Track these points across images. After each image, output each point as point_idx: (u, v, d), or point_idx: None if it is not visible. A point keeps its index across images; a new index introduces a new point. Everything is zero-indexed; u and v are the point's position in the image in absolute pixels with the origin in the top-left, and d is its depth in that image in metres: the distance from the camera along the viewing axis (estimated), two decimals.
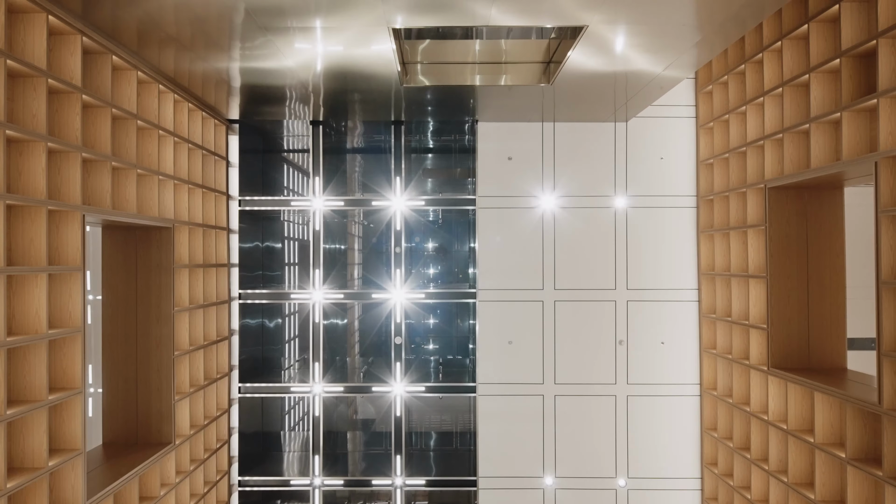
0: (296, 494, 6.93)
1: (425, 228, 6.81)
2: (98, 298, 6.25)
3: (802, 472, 4.62)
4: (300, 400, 7.16)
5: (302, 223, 6.98)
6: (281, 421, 7.06)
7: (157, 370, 4.92)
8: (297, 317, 6.88)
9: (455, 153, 6.91)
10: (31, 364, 3.37)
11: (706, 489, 6.12)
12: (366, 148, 7.03)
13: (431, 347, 6.91)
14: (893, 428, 3.65)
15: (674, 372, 6.24)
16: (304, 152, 6.84)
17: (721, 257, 5.81)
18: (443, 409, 6.87)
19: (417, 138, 6.67)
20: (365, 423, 7.13)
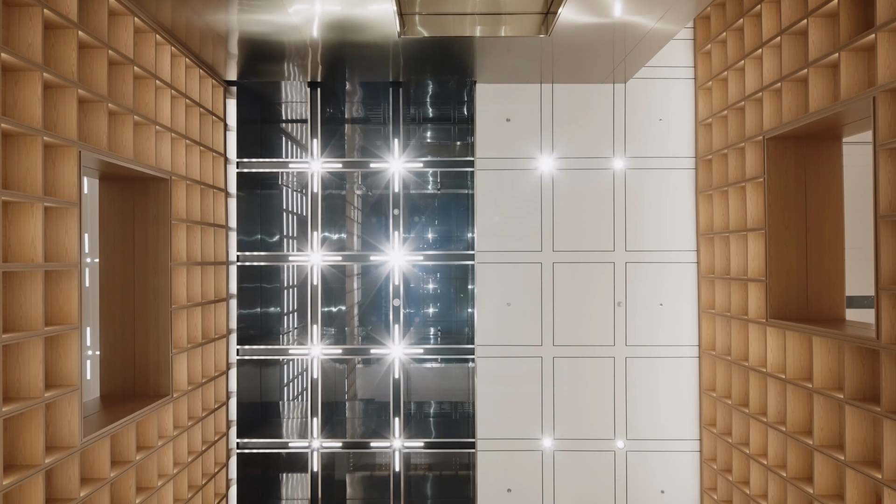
0: (294, 457, 6.93)
1: (424, 190, 6.80)
2: (96, 261, 6.26)
3: (801, 420, 4.61)
4: (300, 370, 7.16)
5: (300, 186, 6.97)
6: (280, 387, 7.05)
7: (154, 322, 4.91)
8: (296, 280, 6.87)
9: (453, 115, 6.90)
10: (27, 292, 3.36)
11: (705, 450, 6.12)
12: (364, 111, 7.02)
13: (430, 310, 6.90)
14: (892, 362, 3.64)
15: (672, 333, 6.23)
16: (302, 120, 6.83)
17: (720, 216, 5.80)
18: (441, 371, 6.87)
19: (416, 101, 6.66)
20: (364, 387, 7.13)
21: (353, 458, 6.99)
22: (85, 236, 6.59)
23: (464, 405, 6.79)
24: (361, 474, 7.11)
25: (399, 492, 6.23)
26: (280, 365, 6.99)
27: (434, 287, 6.89)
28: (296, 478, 7.12)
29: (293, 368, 7.19)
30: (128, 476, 4.35)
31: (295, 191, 7.14)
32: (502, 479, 6.23)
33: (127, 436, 4.37)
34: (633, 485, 6.22)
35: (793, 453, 4.63)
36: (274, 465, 6.97)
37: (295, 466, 6.92)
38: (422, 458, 6.69)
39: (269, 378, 6.85)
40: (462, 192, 6.70)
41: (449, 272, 6.81)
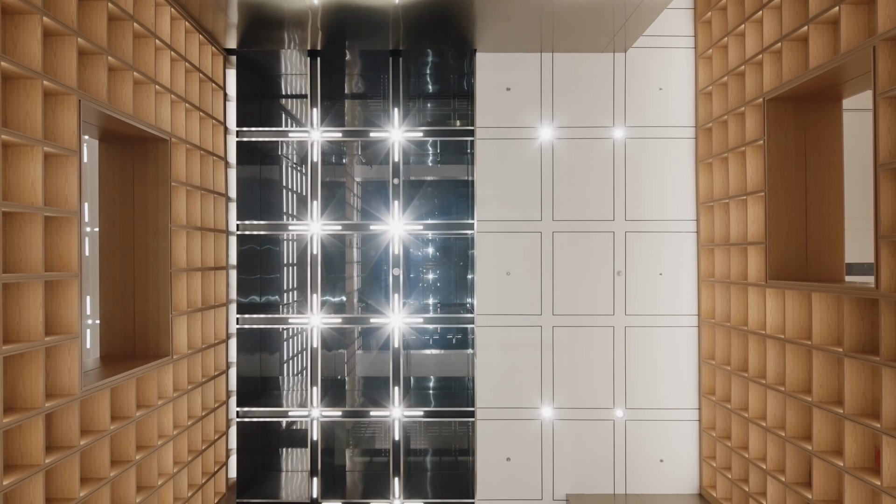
0: (294, 429, 6.94)
1: (423, 160, 6.80)
2: (95, 230, 6.26)
3: (800, 380, 4.62)
4: (300, 347, 7.16)
5: (300, 160, 6.97)
6: (280, 361, 7.05)
7: (154, 283, 4.91)
8: (296, 250, 6.87)
9: (453, 84, 6.89)
10: (27, 236, 3.36)
11: (704, 419, 6.12)
12: (364, 81, 7.01)
13: (430, 280, 6.90)
14: (891, 311, 3.65)
15: (672, 303, 6.23)
16: (302, 95, 6.82)
17: (719, 184, 5.80)
18: (440, 341, 6.87)
19: (416, 70, 6.65)
20: (364, 358, 7.13)
21: (352, 430, 7.00)
22: (85, 206, 6.59)
23: (463, 378, 6.80)
24: (361, 444, 7.12)
25: (399, 460, 6.23)
26: (280, 336, 6.99)
27: (434, 257, 6.90)
28: (296, 450, 7.13)
29: (293, 345, 7.19)
30: (127, 431, 4.35)
31: (295, 166, 7.14)
32: (502, 448, 6.24)
33: (127, 391, 4.38)
34: (633, 454, 6.23)
35: (792, 413, 4.64)
36: (274, 436, 6.98)
37: (295, 437, 6.93)
38: (421, 428, 6.69)
39: (269, 346, 6.85)
40: (462, 163, 6.70)
41: (449, 242, 6.81)
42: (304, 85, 6.40)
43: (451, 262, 6.90)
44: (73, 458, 3.69)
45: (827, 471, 4.31)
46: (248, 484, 6.36)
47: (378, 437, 6.98)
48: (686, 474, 6.22)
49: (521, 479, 6.23)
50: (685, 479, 6.22)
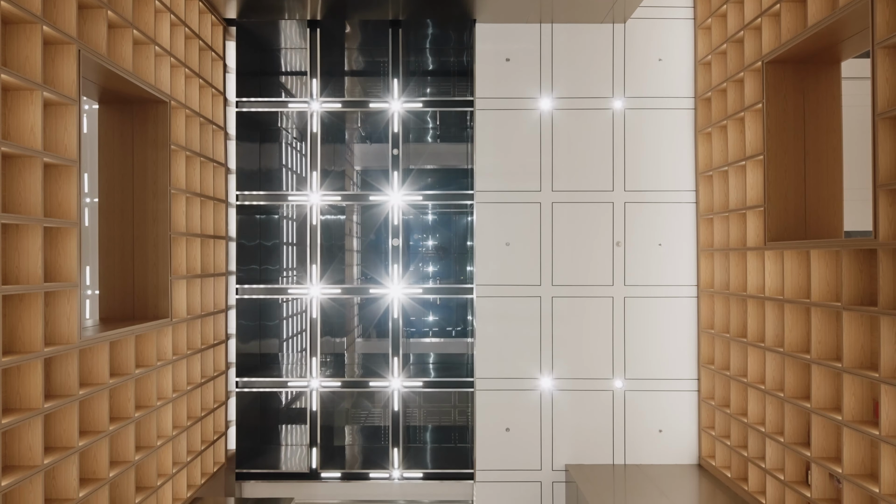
0: (294, 403, 6.95)
1: (423, 131, 6.81)
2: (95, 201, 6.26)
3: (799, 340, 4.62)
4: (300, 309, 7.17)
5: (300, 134, 6.98)
6: (279, 330, 7.05)
7: (153, 245, 4.92)
8: (295, 220, 6.88)
9: (453, 55, 6.90)
10: (26, 179, 3.36)
11: (703, 389, 6.13)
12: (363, 52, 7.02)
13: (430, 249, 6.91)
14: (889, 260, 3.65)
15: (671, 273, 6.24)
16: (301, 72, 6.83)
17: (718, 153, 5.81)
18: (440, 312, 6.88)
19: (415, 41, 6.65)
20: (363, 326, 7.14)
21: (351, 401, 7.00)
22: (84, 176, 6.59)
23: (461, 340, 6.81)
24: (360, 416, 7.12)
25: (398, 432, 6.24)
26: (280, 307, 6.99)
27: (433, 228, 6.90)
28: (295, 420, 7.14)
29: (294, 318, 7.20)
30: (126, 388, 4.35)
31: (295, 139, 7.15)
32: (501, 418, 6.24)
33: (126, 348, 4.38)
34: (631, 424, 6.23)
35: (791, 373, 4.64)
36: (273, 408, 6.99)
37: (294, 408, 6.94)
38: (421, 400, 6.70)
39: (269, 317, 6.85)
40: (462, 134, 6.71)
41: (448, 212, 6.81)
42: (304, 56, 6.41)
43: (450, 233, 6.91)
44: (72, 407, 3.69)
45: (826, 428, 4.32)
46: (248, 456, 6.36)
47: (378, 409, 6.98)
48: (685, 444, 6.22)
49: (521, 450, 6.23)
50: (684, 449, 6.22)
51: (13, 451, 3.33)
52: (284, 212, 6.75)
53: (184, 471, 5.23)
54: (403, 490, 6.29)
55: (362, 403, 7.07)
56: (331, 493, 6.27)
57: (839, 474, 4.07)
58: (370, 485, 6.26)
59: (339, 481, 6.26)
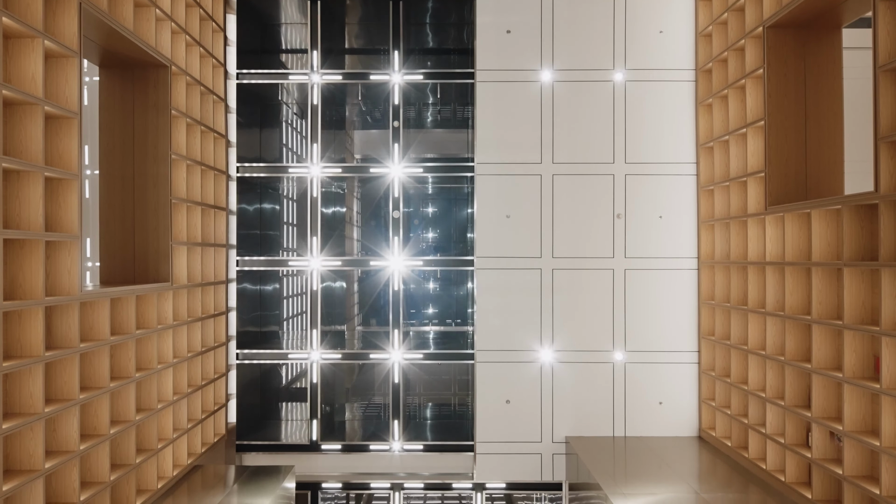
0: (294, 375, 6.95)
1: (423, 103, 6.80)
2: (95, 173, 6.26)
3: (799, 302, 4.61)
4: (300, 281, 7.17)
5: (300, 109, 6.97)
6: (279, 301, 7.05)
7: (154, 210, 4.92)
8: (295, 193, 6.87)
9: (454, 27, 6.89)
10: (27, 127, 3.36)
11: (703, 361, 6.13)
12: (364, 23, 7.01)
13: (430, 222, 6.90)
14: (890, 212, 3.65)
15: (672, 245, 6.23)
16: (302, 49, 6.83)
17: (719, 123, 5.80)
18: (440, 284, 6.87)
19: (416, 14, 6.65)
20: (362, 299, 7.14)
21: (352, 374, 7.00)
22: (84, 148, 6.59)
23: (462, 312, 6.80)
24: (361, 389, 7.13)
25: (398, 404, 6.24)
26: (281, 281, 6.99)
27: (433, 199, 6.90)
28: (296, 395, 7.14)
29: (293, 288, 7.20)
30: (126, 348, 4.36)
31: (295, 115, 7.14)
32: (501, 391, 6.24)
33: (126, 308, 4.38)
34: (632, 396, 6.23)
35: (791, 336, 4.64)
36: (274, 381, 6.99)
37: (294, 381, 6.94)
38: (421, 373, 6.70)
39: (269, 290, 6.85)
40: (462, 104, 6.70)
41: (448, 184, 6.80)
42: (305, 28, 6.41)
43: (451, 205, 6.90)
44: (72, 359, 3.70)
45: (826, 387, 4.32)
46: (248, 429, 6.36)
47: (378, 382, 6.98)
48: (685, 417, 6.22)
49: (521, 422, 6.22)
50: (684, 421, 6.22)
51: (14, 399, 3.33)
52: (285, 185, 6.74)
53: (184, 438, 5.23)
54: (404, 462, 6.29)
55: (363, 376, 7.07)
56: (331, 465, 6.27)
57: (840, 432, 4.07)
58: (370, 456, 6.26)
59: (340, 453, 6.26)
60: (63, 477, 3.66)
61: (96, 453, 3.99)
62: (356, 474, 6.30)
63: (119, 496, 4.32)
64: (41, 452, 3.37)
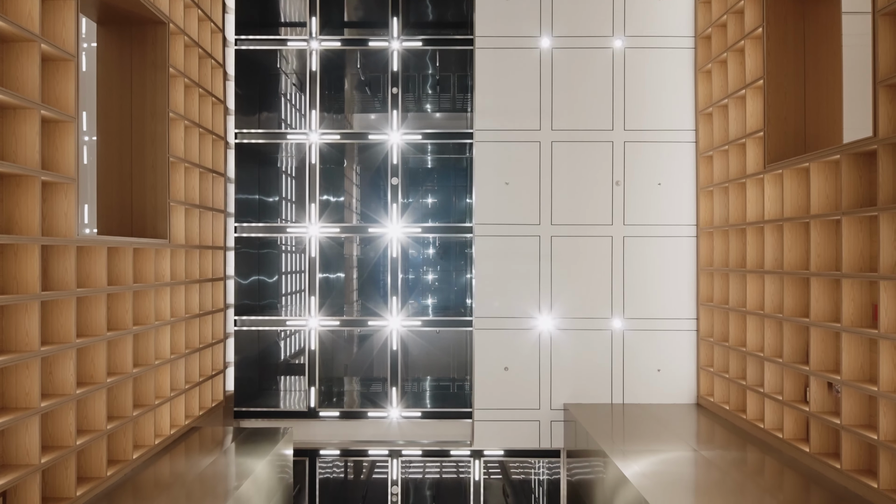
0: (292, 342, 6.93)
1: (422, 70, 6.78)
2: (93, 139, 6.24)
3: (798, 258, 4.61)
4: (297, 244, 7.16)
5: (300, 75, 6.95)
6: (278, 269, 7.03)
7: (151, 167, 4.91)
8: (294, 159, 6.86)
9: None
10: (24, 66, 3.35)
11: (702, 328, 6.12)
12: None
13: (428, 190, 6.90)
14: (888, 156, 3.64)
15: (670, 212, 6.23)
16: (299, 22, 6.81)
17: (718, 87, 5.79)
18: (439, 250, 6.86)
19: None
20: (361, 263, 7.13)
21: (350, 341, 6.99)
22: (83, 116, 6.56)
23: (460, 278, 6.79)
24: (360, 356, 7.12)
25: (396, 371, 6.23)
26: (279, 248, 6.98)
27: (432, 167, 6.89)
28: (294, 365, 7.14)
29: (292, 262, 7.19)
30: (123, 299, 4.35)
31: (294, 85, 7.13)
32: (500, 358, 6.23)
33: (124, 260, 4.37)
34: (630, 364, 6.22)
35: (789, 292, 4.63)
36: (272, 353, 6.98)
37: (292, 348, 6.93)
38: (419, 340, 6.68)
39: (267, 256, 6.83)
40: (461, 71, 6.68)
41: (447, 151, 6.78)
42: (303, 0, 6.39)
43: (449, 173, 6.89)
44: (68, 302, 3.69)
45: (825, 340, 4.31)
46: (246, 396, 6.35)
47: (376, 349, 6.97)
48: (683, 384, 6.22)
49: (519, 389, 6.22)
50: (683, 389, 6.22)
51: (9, 336, 3.32)
52: (283, 152, 6.72)
53: (181, 399, 5.22)
54: (402, 430, 6.28)
55: (362, 344, 7.06)
56: (329, 433, 6.26)
57: (838, 381, 4.06)
58: (368, 423, 6.25)
59: (338, 420, 6.25)
60: (59, 419, 3.66)
61: (93, 401, 3.98)
62: (354, 441, 6.29)
63: (116, 447, 4.31)
64: (37, 391, 3.36)
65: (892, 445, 3.59)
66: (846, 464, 3.98)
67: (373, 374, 6.99)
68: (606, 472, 4.65)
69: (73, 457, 3.70)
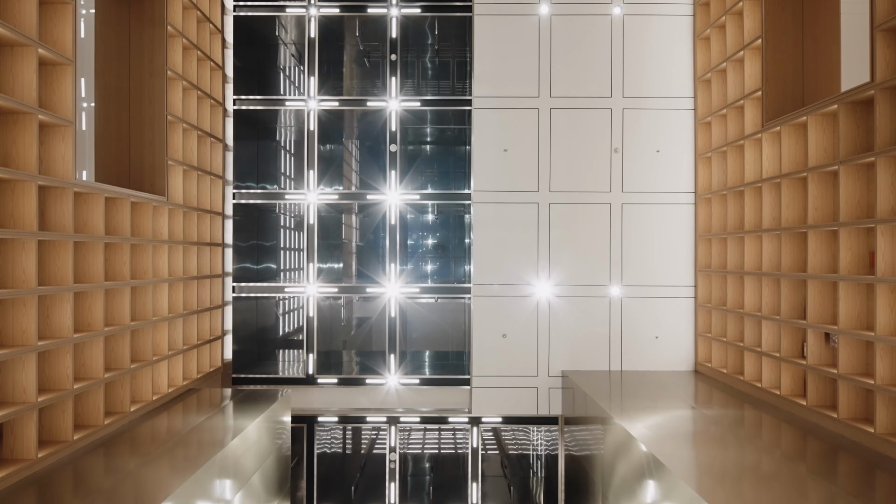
0: (290, 311, 6.94)
1: (422, 35, 6.78)
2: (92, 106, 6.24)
3: (796, 215, 4.61)
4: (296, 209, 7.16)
5: (298, 45, 6.95)
6: (276, 235, 7.03)
7: (150, 123, 4.91)
8: (294, 126, 6.85)
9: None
10: (23, 3, 3.35)
11: (700, 295, 6.12)
12: None
13: (427, 157, 6.89)
14: (885, 101, 3.64)
15: (669, 180, 6.23)
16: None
17: (717, 51, 5.79)
18: (438, 218, 6.86)
19: None
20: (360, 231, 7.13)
21: (349, 307, 6.99)
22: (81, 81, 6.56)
23: (459, 245, 6.80)
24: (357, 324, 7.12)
25: (394, 338, 6.23)
26: (277, 215, 6.98)
27: (431, 134, 6.89)
28: (292, 334, 7.14)
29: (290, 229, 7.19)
30: (121, 251, 4.35)
31: (293, 56, 7.12)
32: (498, 324, 6.23)
33: (121, 212, 4.37)
34: (628, 331, 6.22)
35: (787, 249, 4.63)
36: (270, 321, 6.98)
37: (290, 317, 6.93)
38: (417, 310, 6.69)
39: (266, 222, 6.83)
40: (461, 38, 6.68)
41: (446, 118, 6.78)
42: None
43: (448, 139, 6.89)
44: (65, 245, 3.69)
45: (822, 293, 4.31)
46: (244, 364, 6.36)
47: (375, 316, 6.97)
48: (681, 351, 6.22)
49: (517, 356, 6.22)
50: (680, 356, 6.22)
51: (6, 273, 3.32)
52: (282, 119, 6.72)
53: (179, 359, 5.22)
54: (400, 397, 6.28)
55: (360, 311, 7.06)
56: (327, 400, 6.26)
57: (835, 331, 4.06)
58: (366, 390, 6.26)
59: (336, 387, 6.25)
60: (56, 361, 3.66)
61: (90, 348, 3.98)
62: (353, 409, 6.29)
63: (114, 399, 4.31)
64: (34, 328, 3.36)
65: (890, 389, 3.59)
66: (843, 413, 3.98)
67: (371, 341, 6.99)
68: (606, 435, 4.64)
69: (70, 401, 3.70)
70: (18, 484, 3.18)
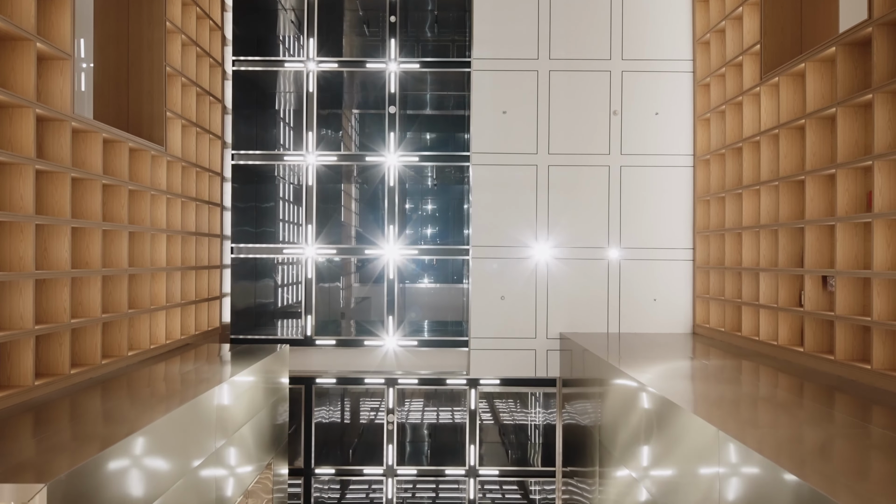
0: (288, 269, 6.92)
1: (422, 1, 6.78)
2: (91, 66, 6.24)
3: (794, 163, 4.61)
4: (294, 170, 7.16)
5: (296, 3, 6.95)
6: (275, 195, 7.02)
7: (148, 73, 4.91)
8: (293, 95, 6.85)
9: None
10: None
11: (698, 257, 6.13)
12: None
13: (426, 118, 6.89)
14: (882, 37, 3.64)
15: (668, 142, 6.23)
16: None
17: (716, 12, 5.79)
18: (436, 178, 6.86)
19: None
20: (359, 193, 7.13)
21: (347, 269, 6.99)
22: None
23: (457, 207, 6.80)
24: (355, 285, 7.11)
25: (392, 299, 6.23)
26: (276, 175, 6.97)
27: (431, 96, 6.88)
28: (291, 302, 7.13)
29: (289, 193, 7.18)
30: (118, 194, 4.35)
31: (293, 22, 7.12)
32: (496, 286, 6.23)
33: (120, 155, 4.37)
34: (626, 293, 6.22)
35: (785, 199, 4.64)
36: (268, 284, 6.98)
37: (289, 278, 6.92)
38: (415, 270, 6.69)
39: (265, 183, 6.83)
40: (460, 5, 6.67)
41: (445, 80, 6.77)
42: None
43: (446, 100, 6.89)
44: (63, 177, 3.69)
45: (819, 239, 4.31)
46: (242, 326, 6.35)
47: (373, 278, 6.96)
48: (679, 314, 6.22)
49: (516, 318, 6.22)
50: (679, 318, 6.22)
51: (3, 198, 3.32)
52: (281, 81, 6.72)
53: (177, 312, 5.22)
54: (398, 360, 6.28)
55: (359, 271, 7.06)
56: (326, 362, 6.26)
57: (833, 273, 4.07)
58: (364, 352, 6.26)
59: (334, 348, 6.25)
60: (53, 294, 3.66)
61: (87, 286, 3.98)
62: (351, 371, 6.29)
63: (111, 342, 4.31)
64: (31, 255, 3.36)
65: (887, 323, 3.59)
66: (840, 354, 3.99)
67: (370, 304, 7.00)
68: (608, 392, 4.59)
69: (67, 335, 3.70)
70: (15, 408, 3.18)
